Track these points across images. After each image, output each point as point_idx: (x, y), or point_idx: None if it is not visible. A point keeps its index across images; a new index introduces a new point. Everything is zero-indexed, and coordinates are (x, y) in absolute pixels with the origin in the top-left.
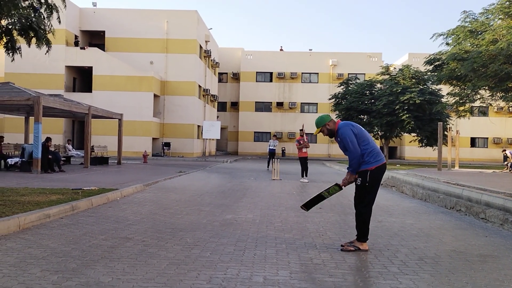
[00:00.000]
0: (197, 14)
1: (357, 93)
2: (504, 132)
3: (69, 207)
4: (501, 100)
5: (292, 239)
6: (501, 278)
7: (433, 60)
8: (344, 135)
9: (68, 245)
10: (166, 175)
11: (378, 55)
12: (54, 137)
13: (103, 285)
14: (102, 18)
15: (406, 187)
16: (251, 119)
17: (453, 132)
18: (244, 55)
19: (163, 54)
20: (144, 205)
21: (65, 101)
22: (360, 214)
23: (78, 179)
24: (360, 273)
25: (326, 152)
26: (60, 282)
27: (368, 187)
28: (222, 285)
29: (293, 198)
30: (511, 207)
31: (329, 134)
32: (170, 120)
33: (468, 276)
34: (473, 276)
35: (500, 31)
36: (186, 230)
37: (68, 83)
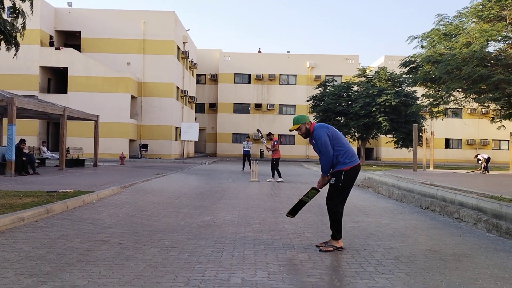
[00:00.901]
0: (175, 15)
1: (334, 95)
2: (477, 133)
3: (44, 210)
4: (474, 102)
5: (270, 240)
6: (475, 277)
7: (408, 63)
8: (319, 136)
9: (43, 248)
10: (143, 177)
11: (355, 57)
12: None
13: None
14: (78, 18)
15: (382, 187)
16: (229, 121)
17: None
18: (222, 56)
19: (140, 55)
20: (121, 207)
21: (39, 102)
22: (334, 213)
23: (53, 182)
24: (337, 272)
25: (304, 154)
26: (34, 286)
27: (342, 187)
28: (200, 287)
29: (271, 199)
30: (484, 206)
31: (305, 134)
32: (147, 122)
33: (443, 275)
34: (448, 275)
35: (473, 34)
36: (163, 232)
37: (43, 84)
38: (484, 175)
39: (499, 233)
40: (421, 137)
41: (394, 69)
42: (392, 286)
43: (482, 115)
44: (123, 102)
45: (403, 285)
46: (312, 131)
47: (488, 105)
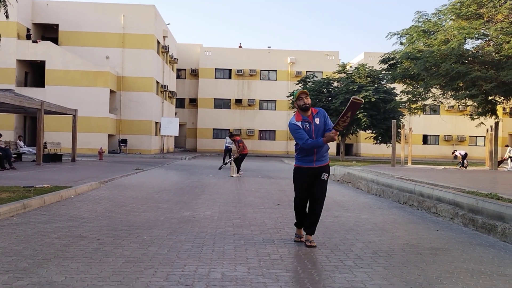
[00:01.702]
0: (155, 8)
1: (314, 90)
2: (454, 129)
3: (20, 205)
4: (451, 98)
5: (251, 235)
6: (452, 270)
7: (387, 59)
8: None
9: (19, 244)
10: (122, 172)
11: (335, 53)
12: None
13: (56, 285)
14: (56, 11)
15: (361, 183)
16: (210, 116)
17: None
18: (203, 51)
19: (120, 49)
20: (99, 203)
21: (16, 96)
22: (320, 210)
23: (30, 177)
24: (317, 267)
25: (285, 149)
26: (10, 282)
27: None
28: (180, 282)
29: (251, 194)
30: (461, 201)
31: (308, 107)
32: (127, 117)
33: (420, 268)
34: (425, 268)
35: (451, 31)
36: (143, 227)
37: (20, 77)
38: (461, 170)
39: (475, 228)
40: (400, 133)
41: (373, 65)
42: (370, 279)
43: (460, 111)
44: (102, 97)
45: (381, 279)
46: (319, 111)
47: (465, 102)
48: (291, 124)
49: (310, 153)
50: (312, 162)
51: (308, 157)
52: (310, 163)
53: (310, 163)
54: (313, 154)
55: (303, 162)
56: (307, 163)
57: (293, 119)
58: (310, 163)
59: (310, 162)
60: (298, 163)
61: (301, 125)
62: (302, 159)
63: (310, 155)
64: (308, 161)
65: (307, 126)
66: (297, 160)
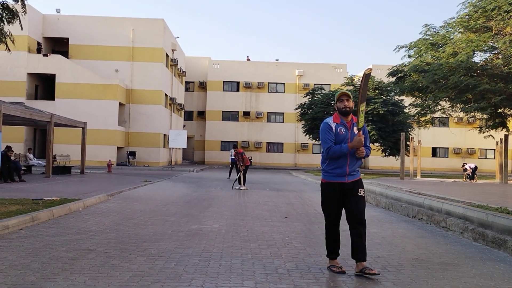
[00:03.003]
0: (164, 22)
1: (322, 103)
2: (463, 142)
3: (29, 218)
4: (460, 111)
5: (258, 249)
6: (461, 286)
7: (395, 72)
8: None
9: (27, 257)
10: (131, 184)
11: (343, 66)
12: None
13: None
14: (66, 25)
15: (370, 196)
16: (217, 128)
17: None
18: (211, 64)
19: (129, 62)
20: (107, 215)
21: (26, 109)
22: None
23: (39, 189)
24: (325, 282)
25: (292, 162)
26: None
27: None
28: None
29: (259, 207)
30: (471, 215)
31: (349, 111)
32: (135, 129)
33: (430, 284)
34: (435, 284)
35: (460, 44)
36: (150, 241)
37: (30, 90)
38: (471, 184)
39: (485, 242)
40: (409, 146)
41: (381, 78)
42: None
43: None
44: (111, 109)
45: None
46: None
47: (475, 115)
48: (324, 123)
49: (342, 164)
50: (345, 176)
51: (340, 170)
52: (341, 177)
53: (341, 178)
54: (346, 166)
55: (334, 176)
56: (338, 178)
57: (329, 119)
58: (342, 177)
59: (341, 177)
60: (327, 177)
61: (335, 128)
62: (332, 172)
63: (342, 166)
64: (339, 175)
65: (342, 130)
66: (325, 174)
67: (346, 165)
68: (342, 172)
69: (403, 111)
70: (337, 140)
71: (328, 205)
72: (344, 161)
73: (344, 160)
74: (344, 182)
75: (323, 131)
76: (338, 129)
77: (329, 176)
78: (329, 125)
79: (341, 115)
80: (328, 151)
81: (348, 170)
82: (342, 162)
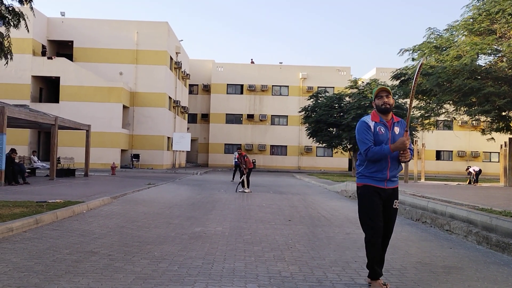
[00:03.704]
0: (168, 25)
1: (326, 106)
2: (468, 145)
3: (33, 220)
4: (465, 114)
5: (261, 251)
6: None
7: (399, 75)
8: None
9: (31, 259)
10: (134, 187)
11: (347, 69)
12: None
13: None
14: (71, 28)
15: None
16: (221, 131)
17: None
18: (215, 67)
19: (133, 65)
20: (111, 218)
21: (30, 111)
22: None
23: (43, 192)
24: (328, 285)
25: (296, 165)
26: None
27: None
28: None
29: (262, 210)
30: (475, 219)
31: (389, 109)
32: (139, 132)
33: (433, 287)
34: (438, 287)
35: (463, 47)
36: (154, 243)
37: (35, 93)
38: (475, 187)
39: (489, 246)
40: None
41: (385, 81)
42: None
43: (473, 127)
44: (115, 112)
45: None
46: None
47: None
48: (361, 121)
49: (383, 168)
50: (384, 181)
51: (380, 174)
52: (381, 182)
53: (381, 183)
54: (386, 170)
55: (373, 180)
56: (377, 182)
57: (366, 117)
58: (381, 182)
59: (381, 181)
60: (366, 180)
61: (373, 127)
62: (372, 175)
63: (383, 170)
64: (379, 180)
65: (382, 130)
66: (362, 177)
67: (387, 169)
68: (382, 177)
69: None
70: (376, 140)
71: (371, 211)
72: (385, 164)
73: (385, 163)
74: (383, 188)
75: (361, 131)
76: (377, 129)
77: (366, 179)
78: (367, 124)
79: (380, 113)
80: (367, 152)
81: (389, 175)
82: (383, 165)
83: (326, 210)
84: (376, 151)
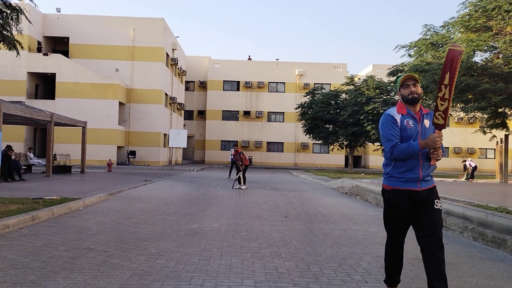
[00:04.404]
0: (164, 22)
1: (323, 102)
2: (464, 142)
3: (29, 217)
4: (461, 110)
5: (258, 248)
6: (461, 285)
7: (396, 71)
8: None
9: (28, 256)
10: (131, 184)
11: (343, 65)
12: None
13: None
14: (66, 24)
15: (370, 195)
16: (218, 128)
17: None
18: (211, 63)
19: (129, 61)
20: (107, 214)
21: (26, 108)
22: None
23: (39, 188)
24: (324, 281)
25: (293, 161)
26: None
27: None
28: None
29: (259, 207)
30: (471, 215)
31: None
32: (136, 128)
33: None
34: None
35: (460, 43)
36: (150, 240)
37: (30, 90)
38: (470, 183)
39: (485, 242)
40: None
41: (382, 77)
42: None
43: (469, 124)
44: (111, 109)
45: None
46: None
47: (475, 115)
48: (385, 115)
49: (414, 166)
50: (417, 182)
51: (411, 173)
52: (413, 183)
53: (413, 184)
54: (418, 168)
55: (402, 182)
56: (408, 184)
57: (391, 109)
58: (413, 183)
59: (413, 183)
60: (396, 182)
61: (399, 120)
62: (401, 176)
63: (414, 169)
64: (410, 181)
65: (410, 123)
66: (389, 179)
67: (418, 168)
68: (414, 177)
69: None
70: (403, 136)
71: (394, 218)
72: (416, 162)
73: (416, 161)
74: (417, 190)
75: (385, 125)
76: (404, 122)
77: (395, 182)
78: (393, 117)
79: (407, 104)
80: (393, 151)
81: (422, 175)
82: (414, 163)
83: (322, 206)
84: (402, 149)
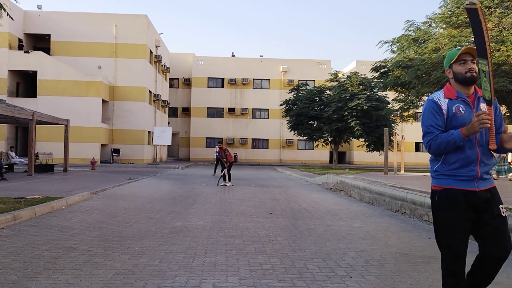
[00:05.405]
0: (147, 18)
1: (307, 99)
2: None
3: (11, 216)
4: None
5: (243, 245)
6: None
7: (379, 67)
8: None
9: (9, 256)
10: (115, 182)
11: (327, 62)
12: None
13: None
14: (48, 21)
15: (354, 191)
16: (203, 125)
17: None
18: (195, 60)
19: (112, 58)
20: (90, 213)
21: (7, 106)
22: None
23: (21, 188)
24: (308, 277)
25: (278, 158)
26: None
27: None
28: None
29: (244, 203)
30: None
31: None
32: (119, 126)
33: (412, 277)
34: (417, 277)
35: (442, 39)
36: (134, 238)
37: (11, 87)
38: None
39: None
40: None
41: (365, 73)
42: None
43: None
44: (94, 106)
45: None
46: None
47: None
48: (428, 100)
49: (470, 161)
50: (474, 180)
51: (467, 170)
52: (469, 182)
53: (469, 183)
54: (475, 164)
55: (458, 180)
56: (464, 183)
57: (437, 93)
58: (470, 182)
59: (469, 181)
60: (447, 180)
61: (446, 107)
62: (454, 173)
63: (470, 164)
64: (465, 179)
65: (461, 109)
66: (441, 177)
67: (476, 163)
68: (470, 174)
69: (387, 106)
70: (454, 125)
71: (454, 228)
72: (472, 155)
73: (472, 154)
74: (474, 191)
75: (426, 114)
76: (454, 108)
77: (447, 179)
78: (437, 104)
79: (462, 84)
80: (431, 145)
81: (480, 172)
82: (470, 157)
83: (307, 202)
84: (440, 141)
